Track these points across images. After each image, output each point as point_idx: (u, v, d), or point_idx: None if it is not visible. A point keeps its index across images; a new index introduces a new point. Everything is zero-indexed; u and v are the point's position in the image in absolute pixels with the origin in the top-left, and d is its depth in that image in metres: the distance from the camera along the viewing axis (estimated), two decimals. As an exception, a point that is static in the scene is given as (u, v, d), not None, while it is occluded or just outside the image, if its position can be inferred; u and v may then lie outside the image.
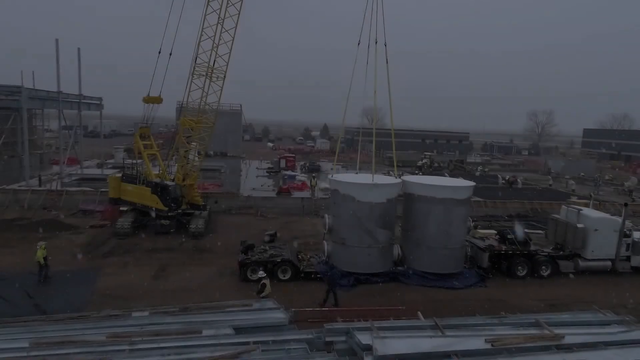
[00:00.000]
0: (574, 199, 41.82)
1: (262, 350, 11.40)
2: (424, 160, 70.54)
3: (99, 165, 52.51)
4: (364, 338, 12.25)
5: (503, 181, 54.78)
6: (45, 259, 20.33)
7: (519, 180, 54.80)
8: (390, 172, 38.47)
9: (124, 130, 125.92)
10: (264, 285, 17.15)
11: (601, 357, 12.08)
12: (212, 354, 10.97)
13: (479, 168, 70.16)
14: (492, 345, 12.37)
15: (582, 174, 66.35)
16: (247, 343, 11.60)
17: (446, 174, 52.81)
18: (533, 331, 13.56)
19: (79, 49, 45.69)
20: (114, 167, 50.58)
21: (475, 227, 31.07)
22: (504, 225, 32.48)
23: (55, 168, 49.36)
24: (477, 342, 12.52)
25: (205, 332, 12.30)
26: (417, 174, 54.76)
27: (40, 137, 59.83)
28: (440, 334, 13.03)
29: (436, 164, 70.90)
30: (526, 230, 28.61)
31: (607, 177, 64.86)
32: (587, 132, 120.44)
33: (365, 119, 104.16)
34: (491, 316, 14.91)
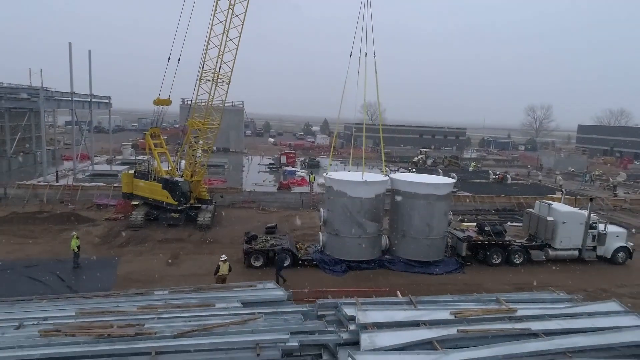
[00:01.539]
0: (558, 194, 44.25)
1: (265, 319, 13.96)
2: (419, 156, 72.89)
3: (109, 162, 54.94)
4: (349, 311, 14.81)
5: (494, 177, 57.19)
6: (78, 247, 22.88)
7: (508, 176, 57.27)
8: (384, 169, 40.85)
9: (128, 125, 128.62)
10: (219, 266, 19.99)
11: (544, 326, 14.59)
12: (223, 321, 13.54)
13: (472, 164, 72.61)
14: (455, 316, 14.94)
15: (572, 169, 68.58)
16: (252, 313, 14.16)
17: (439, 170, 55.27)
18: (492, 306, 16.16)
19: (89, 50, 47.78)
20: (122, 163, 53.01)
21: (462, 220, 33.80)
22: (489, 218, 35.02)
23: (67, 164, 51.86)
24: (443, 314, 15.07)
25: (217, 305, 14.88)
26: (411, 170, 57.24)
27: (48, 133, 62.47)
28: (413, 307, 15.63)
29: (431, 160, 73.23)
30: (509, 223, 31.20)
31: (597, 173, 67.08)
32: (582, 128, 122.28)
33: (365, 114, 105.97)
34: (459, 295, 17.49)
